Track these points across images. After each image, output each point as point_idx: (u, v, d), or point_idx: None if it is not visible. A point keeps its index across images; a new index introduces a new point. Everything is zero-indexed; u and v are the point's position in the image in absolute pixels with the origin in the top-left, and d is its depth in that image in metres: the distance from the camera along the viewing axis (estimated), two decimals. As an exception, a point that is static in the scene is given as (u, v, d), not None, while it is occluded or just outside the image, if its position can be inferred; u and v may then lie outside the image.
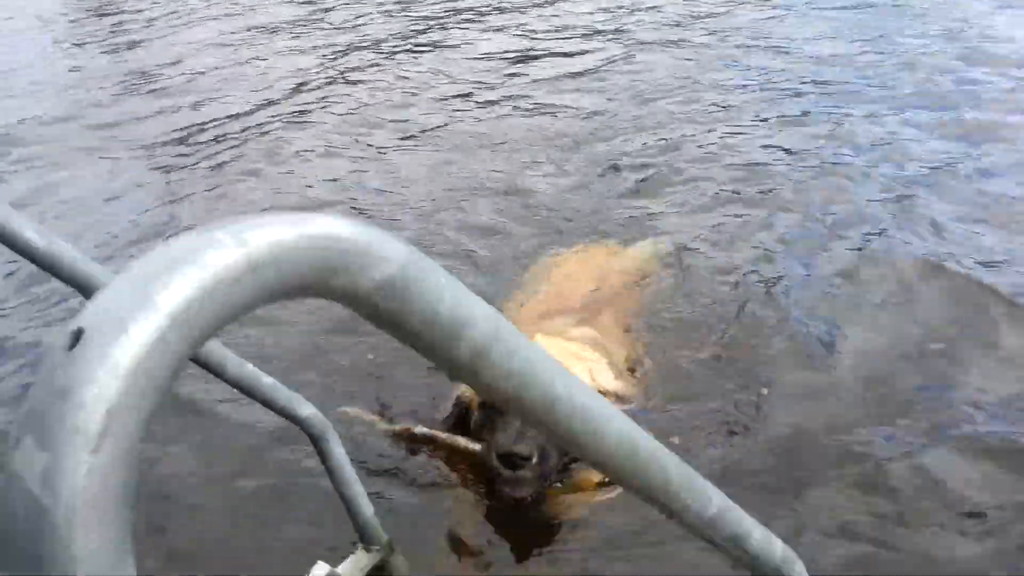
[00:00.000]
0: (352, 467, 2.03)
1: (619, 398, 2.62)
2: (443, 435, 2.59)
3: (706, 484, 0.94)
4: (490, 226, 4.38)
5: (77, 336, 0.42)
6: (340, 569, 2.03)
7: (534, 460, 2.35)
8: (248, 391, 1.75)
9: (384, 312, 0.56)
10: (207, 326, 0.45)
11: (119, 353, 0.41)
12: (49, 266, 1.40)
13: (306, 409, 1.88)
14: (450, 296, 0.59)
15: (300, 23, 8.80)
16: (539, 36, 7.62)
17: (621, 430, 0.79)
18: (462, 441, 2.55)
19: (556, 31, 7.74)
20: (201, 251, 0.45)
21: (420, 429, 2.63)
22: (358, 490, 2.06)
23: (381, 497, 2.45)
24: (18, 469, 0.40)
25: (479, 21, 8.24)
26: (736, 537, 1.03)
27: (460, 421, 2.64)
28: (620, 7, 8.16)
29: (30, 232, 1.32)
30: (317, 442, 1.93)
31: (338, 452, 1.97)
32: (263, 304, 0.49)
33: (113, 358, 0.41)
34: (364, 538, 2.13)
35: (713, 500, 0.96)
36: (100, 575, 0.40)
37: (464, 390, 2.68)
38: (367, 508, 2.10)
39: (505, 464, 2.35)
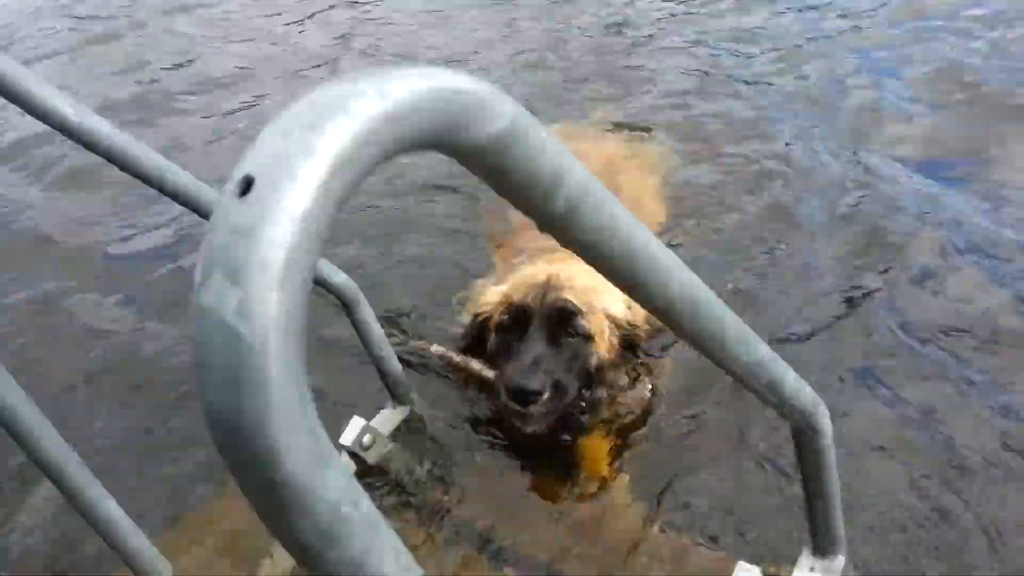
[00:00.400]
0: (381, 330, 2.12)
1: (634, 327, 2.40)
2: (458, 357, 2.51)
3: (753, 334, 1.02)
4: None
5: (248, 183, 0.46)
6: (373, 422, 2.15)
7: (545, 395, 2.21)
8: (283, 257, 1.80)
9: (493, 165, 0.59)
10: (357, 174, 0.48)
11: (290, 199, 0.45)
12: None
13: (338, 276, 1.93)
14: (551, 150, 0.62)
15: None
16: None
17: (684, 282, 0.85)
18: (476, 365, 2.46)
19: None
20: (349, 100, 0.47)
21: (436, 348, 2.57)
22: (387, 351, 2.16)
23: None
24: (211, 304, 0.44)
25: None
26: (772, 382, 1.11)
27: (477, 341, 2.51)
28: None
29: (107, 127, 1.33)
30: (349, 307, 2.00)
31: (368, 316, 2.05)
32: (393, 156, 0.52)
33: (285, 203, 0.44)
34: (394, 395, 2.24)
35: (758, 349, 1.03)
36: (288, 396, 0.45)
37: (483, 307, 2.51)
38: (396, 367, 2.20)
39: (515, 398, 2.21)
